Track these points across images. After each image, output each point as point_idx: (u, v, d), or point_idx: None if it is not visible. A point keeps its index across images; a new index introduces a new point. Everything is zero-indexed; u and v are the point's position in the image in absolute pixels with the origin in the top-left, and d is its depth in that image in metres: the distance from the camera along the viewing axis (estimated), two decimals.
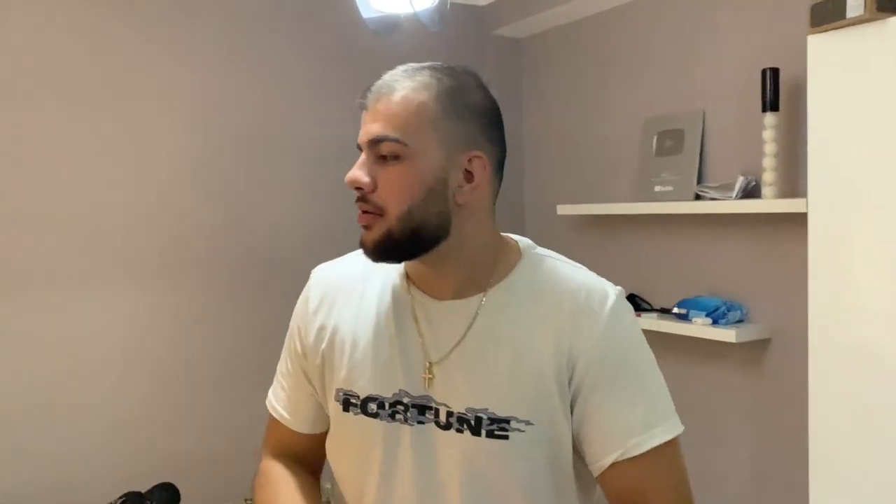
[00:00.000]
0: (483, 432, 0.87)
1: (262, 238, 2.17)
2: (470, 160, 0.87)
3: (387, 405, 0.91)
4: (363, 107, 0.88)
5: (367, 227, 0.86)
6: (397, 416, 0.90)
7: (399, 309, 0.93)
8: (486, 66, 2.58)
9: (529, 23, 2.48)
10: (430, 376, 0.89)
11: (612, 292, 0.90)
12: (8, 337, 1.81)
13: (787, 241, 1.83)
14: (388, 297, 0.94)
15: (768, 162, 1.75)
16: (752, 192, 1.87)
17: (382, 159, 0.85)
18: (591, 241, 2.40)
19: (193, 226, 2.07)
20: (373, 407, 0.91)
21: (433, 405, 0.89)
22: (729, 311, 1.92)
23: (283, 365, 1.04)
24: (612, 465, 0.86)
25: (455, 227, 0.87)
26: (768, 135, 1.74)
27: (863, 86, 1.42)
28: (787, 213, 1.75)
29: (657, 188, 2.13)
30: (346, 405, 0.93)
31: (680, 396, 2.18)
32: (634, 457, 0.86)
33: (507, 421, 0.86)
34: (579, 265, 0.96)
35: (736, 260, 1.98)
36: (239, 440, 1.82)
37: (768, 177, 1.75)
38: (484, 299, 0.90)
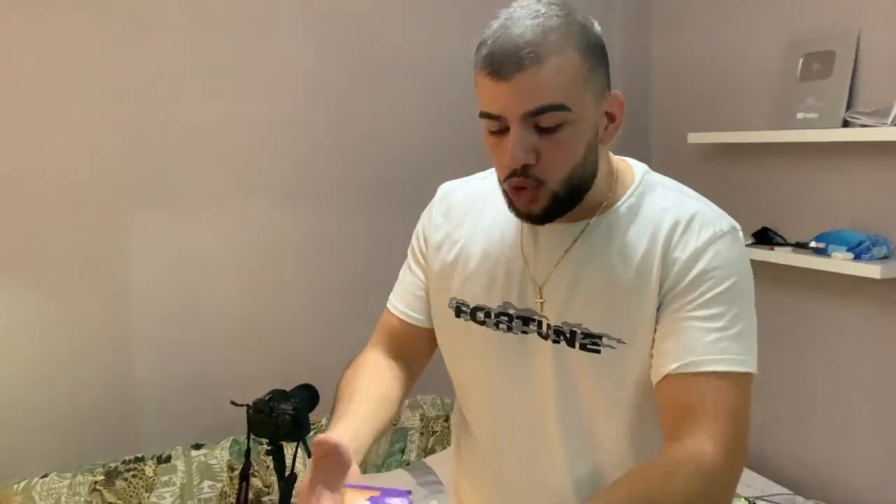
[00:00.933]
0: (577, 345, 0.92)
1: (393, 155, 2.22)
2: (611, 102, 0.87)
3: (493, 314, 0.98)
4: (499, 74, 0.82)
5: (530, 202, 0.87)
6: (501, 326, 0.97)
7: (511, 230, 0.98)
8: None
9: None
10: (537, 290, 0.94)
11: (725, 224, 0.89)
12: (160, 247, 1.97)
13: None
14: (502, 219, 0.98)
15: None
16: None
17: (541, 130, 0.84)
18: (723, 172, 2.31)
19: (324, 143, 2.15)
20: (480, 316, 0.99)
21: (536, 317, 0.95)
22: (874, 245, 1.82)
23: (406, 265, 1.11)
24: (668, 375, 0.86)
25: (597, 167, 0.90)
26: None
27: None
28: None
29: (800, 115, 2.01)
30: (458, 312, 1.01)
31: (815, 336, 2.12)
32: (692, 373, 0.85)
33: (599, 337, 0.91)
34: (699, 196, 0.94)
35: (885, 192, 1.86)
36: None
37: None
38: (590, 222, 0.92)
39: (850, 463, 1.98)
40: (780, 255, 1.98)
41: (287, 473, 1.46)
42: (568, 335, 0.93)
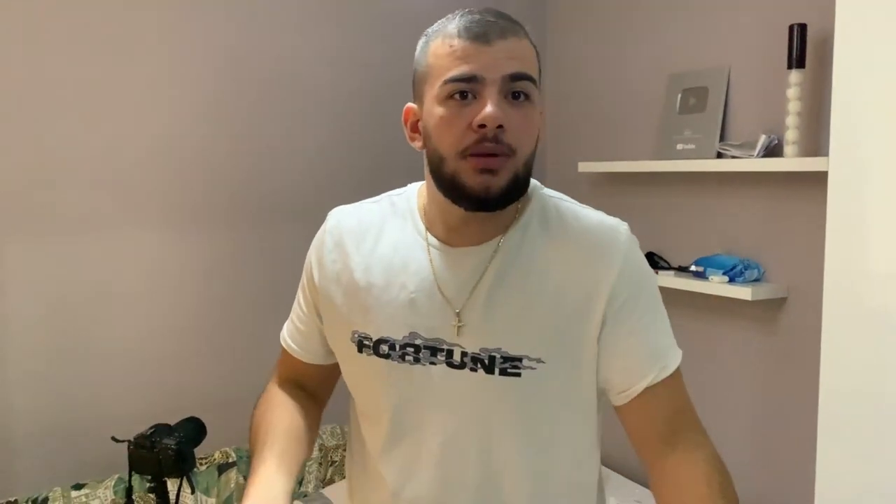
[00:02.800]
0: (496, 370, 0.89)
1: (288, 179, 2.21)
2: (541, 113, 0.90)
3: (398, 346, 0.93)
4: (481, 38, 0.84)
5: (493, 172, 0.84)
6: (407, 357, 0.93)
7: (414, 255, 0.94)
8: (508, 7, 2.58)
9: None
10: (449, 318, 0.91)
11: (622, 226, 0.94)
12: (39, 279, 1.88)
13: (807, 201, 1.83)
14: (403, 244, 0.96)
15: (791, 120, 1.74)
16: (774, 150, 1.86)
17: (513, 98, 0.85)
18: (611, 198, 2.41)
19: (217, 166, 2.11)
20: (384, 348, 0.94)
21: (445, 346, 0.92)
22: (746, 269, 1.94)
23: (297, 300, 1.08)
24: (645, 390, 0.90)
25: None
26: (793, 92, 1.73)
27: (891, 43, 1.41)
28: (808, 171, 1.75)
29: (679, 146, 2.13)
30: (360, 346, 0.96)
31: (695, 353, 2.22)
32: (664, 379, 0.91)
33: (518, 359, 0.89)
34: (583, 204, 0.99)
35: (755, 219, 1.99)
36: (263, 380, 1.90)
37: (791, 135, 1.75)
38: (501, 242, 0.92)
39: (734, 478, 2.08)
40: (663, 279, 2.08)
41: None
42: (486, 361, 0.90)
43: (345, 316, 0.98)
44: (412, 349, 0.93)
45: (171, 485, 1.45)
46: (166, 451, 1.35)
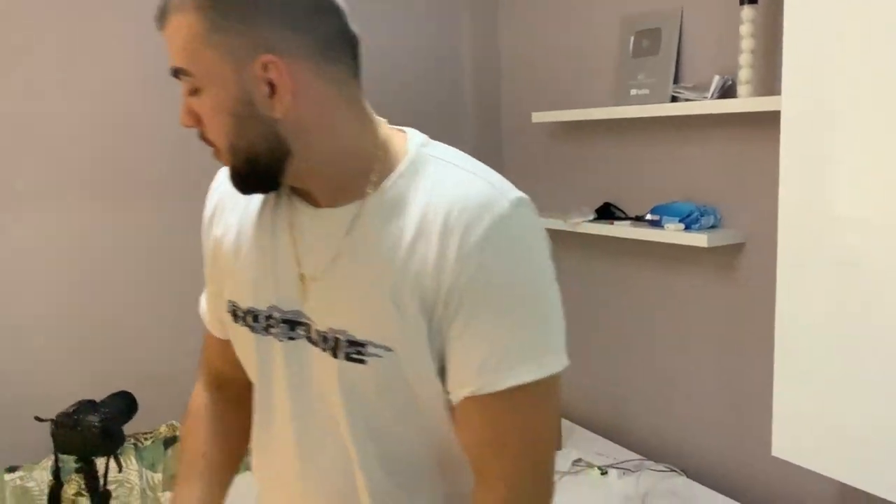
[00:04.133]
0: (341, 355, 0.80)
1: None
2: (264, 67, 0.72)
3: (261, 318, 0.87)
4: (158, 23, 0.76)
5: (223, 160, 0.80)
6: (271, 330, 0.86)
7: (277, 217, 0.85)
8: None
9: None
10: (304, 290, 0.83)
11: (504, 203, 0.74)
12: None
13: (762, 143, 1.78)
14: (270, 204, 0.87)
15: (745, 59, 1.67)
16: (728, 91, 1.80)
17: (188, 92, 0.76)
18: (567, 148, 2.34)
19: (140, 139, 1.99)
20: (250, 320, 0.88)
21: (304, 320, 0.84)
22: (702, 216, 1.89)
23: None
24: (465, 399, 0.76)
25: (296, 143, 0.75)
26: (745, 29, 1.65)
27: None
28: (763, 111, 1.69)
29: (633, 91, 2.06)
30: (235, 316, 0.90)
31: (652, 303, 2.18)
32: (489, 394, 0.74)
33: (363, 345, 0.78)
34: (481, 169, 0.80)
35: (711, 164, 1.93)
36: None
37: (744, 74, 1.68)
38: (361, 208, 0.78)
39: (694, 425, 2.06)
40: (619, 230, 2.02)
41: (101, 490, 1.34)
42: (333, 343, 0.81)
43: (222, 282, 0.92)
44: (273, 321, 0.86)
45: (99, 463, 1.38)
46: (90, 429, 1.27)
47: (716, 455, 2.01)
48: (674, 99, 1.94)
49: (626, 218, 2.11)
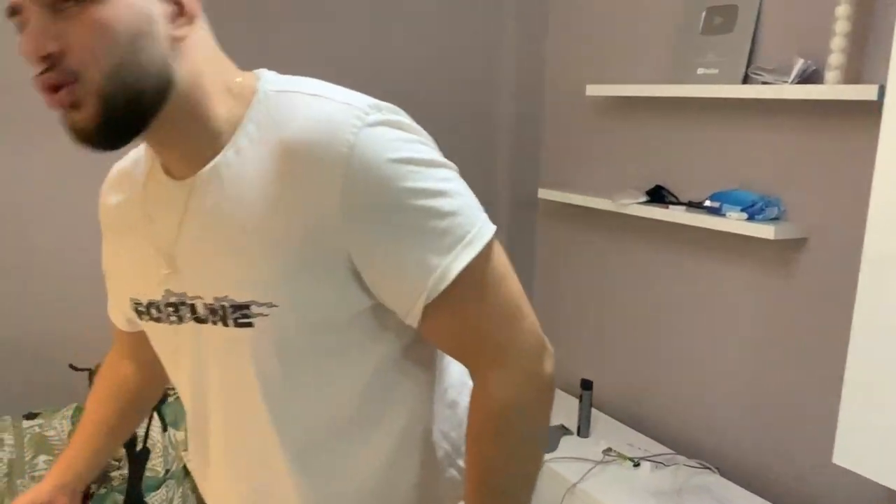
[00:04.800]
0: (230, 322, 0.75)
1: None
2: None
3: (161, 307, 0.82)
4: None
5: (73, 107, 0.66)
6: (172, 318, 0.82)
7: (146, 196, 0.81)
8: None
9: None
10: (168, 271, 0.78)
11: (350, 125, 0.69)
12: None
13: (842, 133, 1.68)
14: (142, 184, 0.82)
15: (837, 43, 1.57)
16: (809, 77, 1.70)
17: (59, 11, 0.64)
18: (620, 126, 2.23)
19: None
20: (154, 312, 0.83)
21: (187, 301, 0.78)
22: (766, 206, 1.80)
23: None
24: (426, 310, 0.74)
25: (180, 76, 0.69)
26: (842, 11, 1.55)
27: None
28: (849, 100, 1.60)
29: (700, 70, 1.95)
30: (139, 313, 0.85)
31: (701, 293, 2.09)
32: (445, 290, 0.72)
33: (247, 307, 0.74)
34: (329, 90, 0.74)
35: (774, 153, 1.84)
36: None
37: (835, 59, 1.58)
38: (200, 172, 0.74)
39: (734, 423, 1.99)
40: (674, 214, 1.94)
41: (139, 448, 1.25)
42: (221, 312, 0.76)
43: (119, 280, 0.89)
44: (171, 308, 0.81)
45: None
46: None
47: (753, 456, 1.95)
48: (745, 81, 1.84)
49: (680, 203, 2.02)
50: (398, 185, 0.70)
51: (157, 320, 0.83)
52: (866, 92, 1.51)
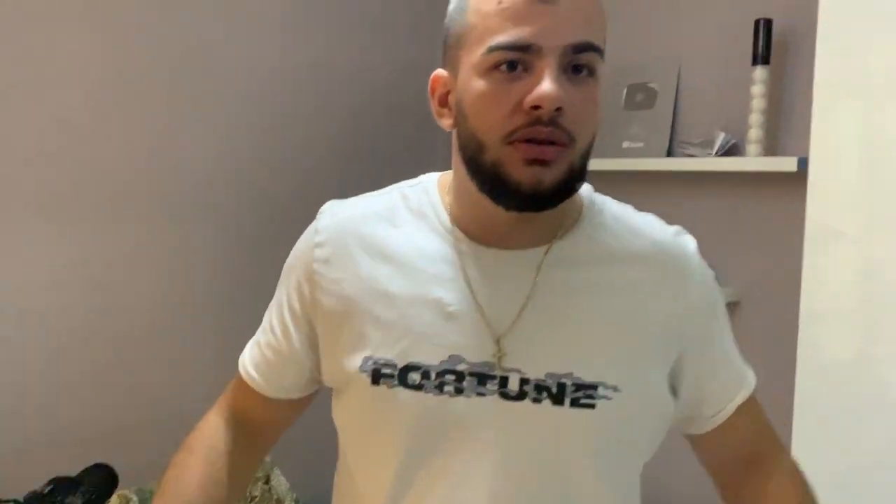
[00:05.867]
0: (567, 401, 0.73)
1: (189, 174, 1.92)
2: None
3: (433, 374, 0.74)
4: None
5: (546, 163, 0.69)
6: (446, 387, 0.74)
7: (443, 260, 0.77)
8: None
9: None
10: (499, 347, 0.74)
11: (686, 237, 0.85)
12: None
13: (764, 202, 1.78)
14: (428, 245, 0.78)
15: (755, 118, 1.68)
16: (729, 150, 1.80)
17: (573, 73, 0.69)
18: None
19: (121, 161, 1.79)
20: (415, 377, 0.75)
21: (497, 373, 0.74)
22: None
23: (268, 323, 0.88)
24: (738, 408, 0.85)
25: None
26: (757, 89, 1.66)
27: (874, 40, 1.36)
28: (768, 171, 1.70)
29: (626, 144, 2.04)
30: (377, 376, 0.76)
31: None
32: (749, 398, 0.86)
33: (594, 387, 0.74)
34: (642, 212, 0.88)
35: (705, 221, 1.92)
36: (174, 403, 1.61)
37: (754, 134, 1.68)
38: (550, 249, 0.77)
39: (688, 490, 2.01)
40: None
41: None
42: (555, 390, 0.73)
43: (353, 339, 0.78)
44: (453, 377, 0.74)
45: None
46: None
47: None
48: (669, 153, 1.94)
49: None
50: (720, 295, 0.86)
51: (415, 387, 0.74)
52: (786, 164, 1.61)
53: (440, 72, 0.77)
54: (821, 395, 1.48)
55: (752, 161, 1.68)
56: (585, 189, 0.84)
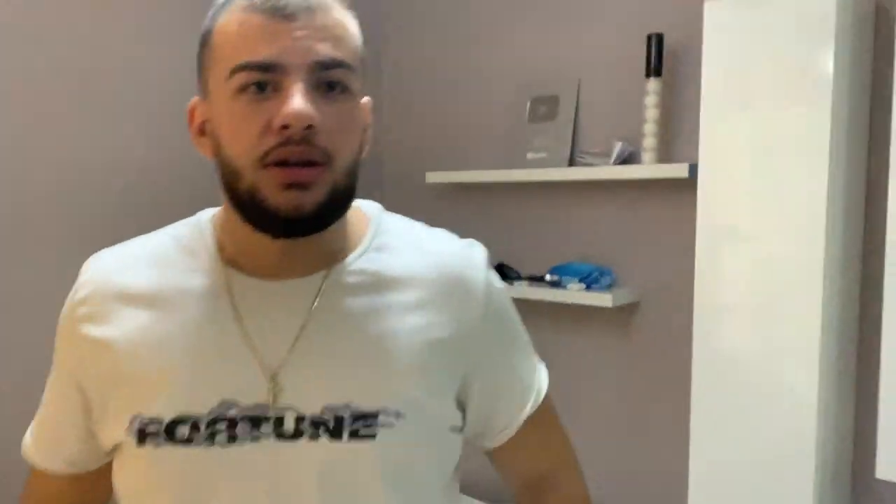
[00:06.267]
0: (345, 433, 0.69)
1: (115, 186, 1.84)
2: (367, 106, 0.75)
3: (203, 424, 0.69)
4: (279, 11, 0.65)
5: (304, 186, 0.65)
6: (218, 437, 0.69)
7: (211, 298, 0.72)
8: None
9: None
10: (273, 376, 0.70)
11: (477, 251, 0.81)
12: None
13: (659, 207, 1.89)
14: (196, 287, 0.73)
15: (649, 128, 1.78)
16: (627, 159, 1.90)
17: (325, 90, 0.66)
18: (459, 210, 2.34)
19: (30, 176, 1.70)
20: (183, 431, 0.69)
21: (271, 414, 0.69)
22: (601, 276, 1.95)
23: (46, 394, 0.81)
24: (525, 422, 0.83)
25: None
26: (651, 100, 1.77)
27: (756, 52, 1.48)
28: (663, 178, 1.80)
29: (530, 155, 2.11)
30: (142, 436, 0.69)
31: (554, 363, 2.19)
32: (538, 407, 0.84)
33: (374, 415, 0.70)
34: (420, 222, 0.85)
35: (604, 226, 2.02)
36: None
37: (649, 142, 1.78)
38: (329, 275, 0.73)
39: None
40: (517, 290, 2.04)
41: None
42: (332, 423, 0.69)
43: (122, 398, 0.71)
44: (225, 424, 0.69)
45: None
46: None
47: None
48: (571, 163, 2.02)
49: (522, 278, 2.13)
50: (510, 305, 0.83)
51: (186, 442, 0.68)
52: (678, 171, 1.71)
53: (196, 100, 0.73)
54: (716, 388, 1.57)
55: (647, 168, 1.78)
56: (373, 209, 0.81)
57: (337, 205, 0.69)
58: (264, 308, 0.71)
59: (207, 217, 0.79)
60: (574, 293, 1.93)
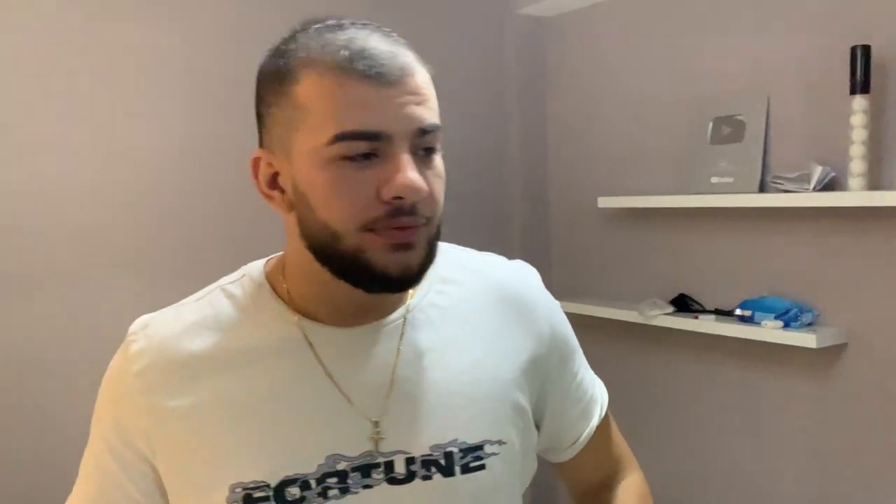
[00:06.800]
0: (457, 469, 0.71)
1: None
2: None
3: (313, 483, 0.68)
4: (382, 77, 0.64)
5: (409, 247, 0.66)
6: (331, 493, 0.68)
7: (291, 353, 0.70)
8: (507, 46, 2.38)
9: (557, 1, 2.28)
10: (377, 431, 0.69)
11: (531, 271, 0.85)
12: None
13: (868, 238, 1.67)
14: (267, 342, 0.71)
15: (857, 150, 1.58)
16: (829, 184, 1.70)
17: (424, 155, 0.67)
18: (634, 236, 2.22)
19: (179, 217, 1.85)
20: (294, 492, 0.67)
21: (380, 460, 0.69)
22: (801, 313, 1.76)
23: (86, 481, 0.76)
24: (596, 429, 0.87)
25: None
26: (857, 120, 1.57)
27: None
28: (873, 206, 1.59)
29: (714, 179, 1.96)
30: (248, 502, 0.67)
31: (739, 406, 2.02)
32: (604, 418, 0.89)
33: (480, 447, 0.72)
34: (483, 252, 0.86)
35: (802, 259, 1.82)
36: None
37: (856, 167, 1.58)
38: (409, 313, 0.74)
39: None
40: (704, 325, 1.90)
41: None
42: (443, 462, 0.70)
43: (209, 468, 0.69)
44: (335, 478, 0.68)
45: None
46: None
47: None
48: (762, 188, 1.85)
49: (708, 311, 1.98)
50: (565, 317, 0.86)
51: (299, 501, 0.67)
52: (892, 198, 1.50)
53: (261, 152, 0.70)
54: None
55: (858, 196, 1.58)
56: None
57: (433, 257, 0.70)
58: (350, 356, 0.71)
59: (258, 271, 0.76)
60: (770, 331, 1.76)
